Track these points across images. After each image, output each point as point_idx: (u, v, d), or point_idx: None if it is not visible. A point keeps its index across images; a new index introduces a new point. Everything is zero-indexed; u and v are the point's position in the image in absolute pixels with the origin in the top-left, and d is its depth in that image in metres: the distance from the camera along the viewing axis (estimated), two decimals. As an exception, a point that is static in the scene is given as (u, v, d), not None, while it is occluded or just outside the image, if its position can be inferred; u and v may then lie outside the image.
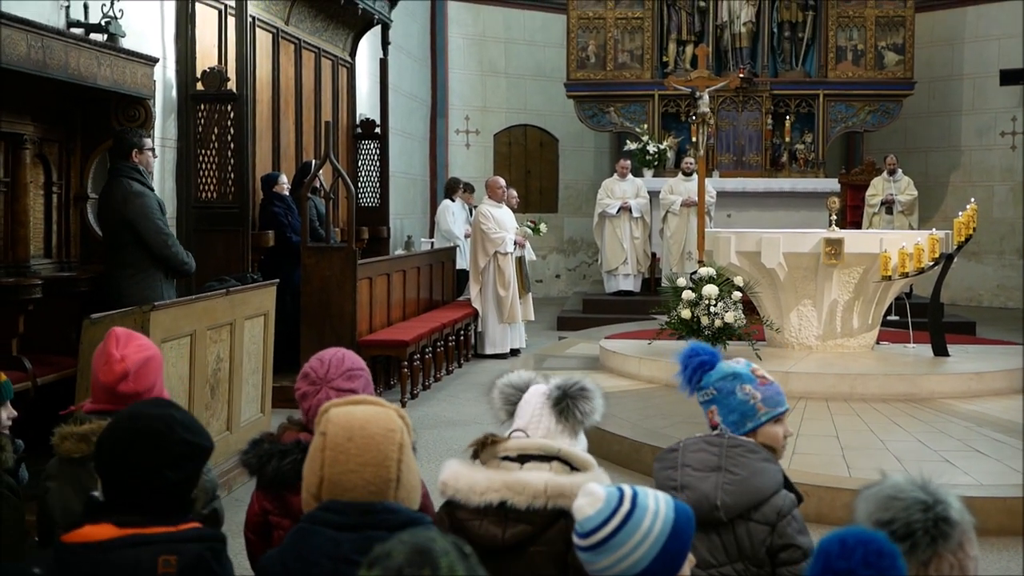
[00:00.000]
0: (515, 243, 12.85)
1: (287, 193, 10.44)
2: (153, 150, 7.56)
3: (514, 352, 12.96)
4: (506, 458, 3.14)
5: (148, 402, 3.04)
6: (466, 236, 14.37)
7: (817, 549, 2.15)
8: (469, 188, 15.26)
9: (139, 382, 3.58)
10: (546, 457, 3.12)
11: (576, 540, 2.53)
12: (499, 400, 3.37)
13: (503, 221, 12.89)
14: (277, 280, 7.96)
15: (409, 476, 2.68)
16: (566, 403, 3.19)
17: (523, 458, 3.12)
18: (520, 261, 13.01)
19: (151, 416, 2.78)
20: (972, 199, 11.00)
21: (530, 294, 13.27)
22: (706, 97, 11.97)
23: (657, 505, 2.57)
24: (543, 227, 13.92)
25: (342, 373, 3.50)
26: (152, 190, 7.44)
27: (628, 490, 2.61)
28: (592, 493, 2.58)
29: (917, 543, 2.27)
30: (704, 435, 3.47)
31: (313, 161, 11.06)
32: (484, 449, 3.18)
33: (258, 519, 3.57)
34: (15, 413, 3.83)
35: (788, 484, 3.42)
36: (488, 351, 12.80)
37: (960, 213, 10.23)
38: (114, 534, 2.63)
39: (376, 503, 2.57)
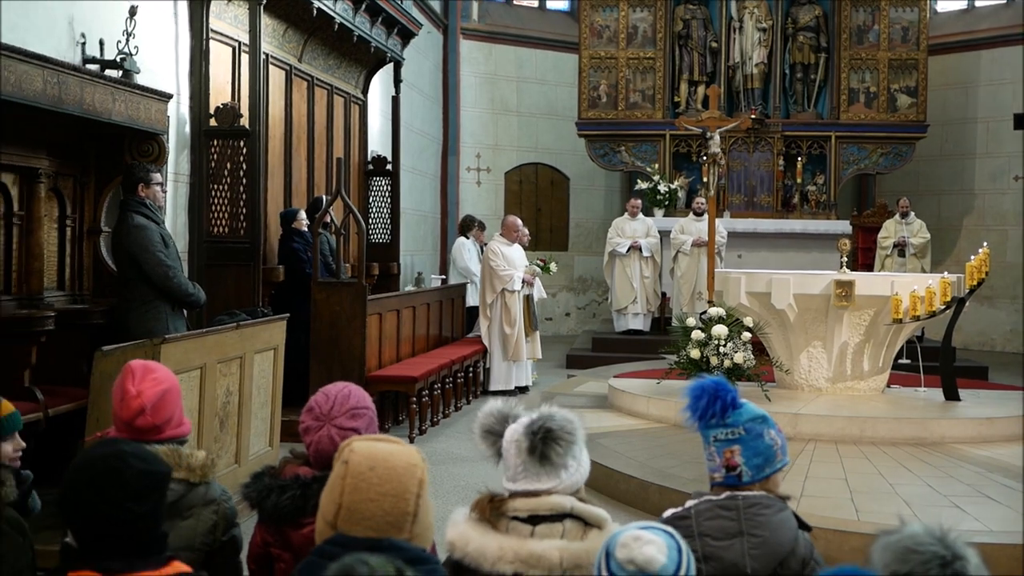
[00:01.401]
0: (523, 281, 12.85)
1: (306, 229, 10.48)
2: (162, 184, 7.59)
3: (520, 390, 12.92)
4: (516, 518, 3.04)
5: (96, 444, 3.03)
6: (481, 273, 14.43)
7: None
8: (481, 226, 15.30)
9: (157, 415, 3.58)
10: (558, 516, 3.03)
11: None
12: (480, 433, 3.27)
13: (513, 259, 12.90)
14: (287, 314, 7.97)
15: (425, 514, 2.69)
16: (539, 451, 3.06)
17: (534, 519, 3.03)
18: (528, 299, 12.99)
19: (102, 456, 2.77)
20: (985, 243, 10.97)
21: (537, 332, 13.24)
22: (717, 137, 12.01)
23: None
24: (553, 266, 13.92)
25: (346, 411, 3.50)
26: (159, 224, 7.45)
27: (667, 528, 2.58)
28: (652, 540, 2.49)
29: None
30: (713, 498, 3.32)
31: (324, 196, 11.10)
32: (490, 509, 3.07)
33: (260, 551, 3.58)
34: (23, 445, 3.83)
35: (798, 521, 3.36)
36: (493, 388, 12.76)
37: (972, 257, 10.21)
38: None
39: (383, 539, 2.56)
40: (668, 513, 3.38)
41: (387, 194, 13.70)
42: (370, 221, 13.47)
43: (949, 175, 19.91)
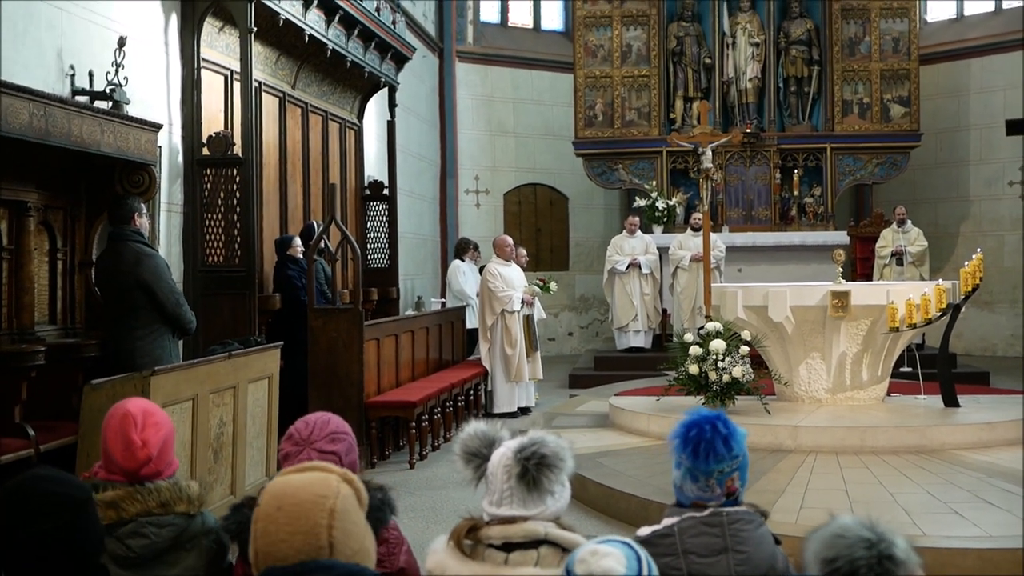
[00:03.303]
0: (523, 301, 12.84)
1: (301, 256, 10.48)
2: (146, 215, 7.61)
3: (523, 411, 12.90)
4: (491, 545, 3.01)
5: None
6: (478, 295, 14.42)
7: None
8: (476, 247, 15.35)
9: (160, 462, 3.56)
10: (533, 543, 2.99)
11: None
12: (462, 455, 3.24)
13: (511, 279, 12.90)
14: (281, 343, 7.97)
15: (347, 542, 2.59)
16: (530, 476, 3.03)
17: (508, 546, 2.99)
18: (528, 320, 12.99)
19: (16, 479, 2.81)
20: (978, 249, 10.99)
21: (538, 353, 13.22)
22: (709, 152, 12.02)
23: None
24: (553, 285, 13.90)
25: (325, 435, 3.50)
26: (156, 252, 7.51)
27: (626, 539, 2.56)
28: (609, 553, 2.46)
29: None
30: (696, 515, 3.26)
31: (316, 223, 11.12)
32: (468, 536, 3.05)
33: None
34: None
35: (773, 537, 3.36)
36: (496, 410, 12.71)
37: (967, 263, 10.21)
38: None
39: (310, 562, 2.51)
40: (647, 531, 3.32)
41: (385, 219, 13.72)
42: (368, 246, 13.49)
43: (944, 183, 19.94)
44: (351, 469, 3.25)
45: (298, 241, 10.64)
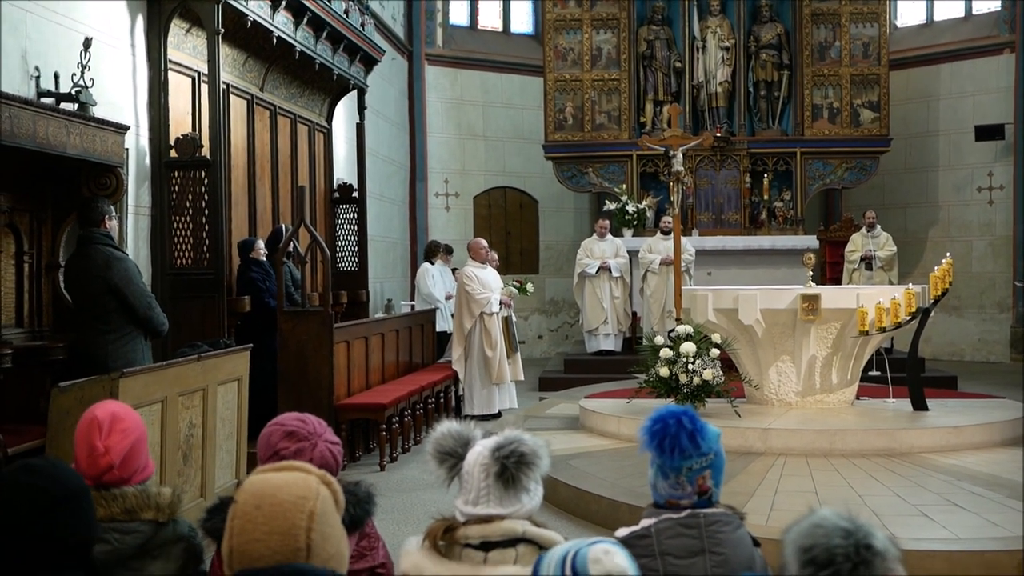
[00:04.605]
0: (501, 303, 12.83)
1: (264, 258, 10.43)
2: (114, 217, 7.54)
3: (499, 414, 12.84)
4: (468, 545, 3.00)
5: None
6: (447, 298, 14.40)
7: None
8: (448, 250, 15.33)
9: (125, 469, 3.48)
10: (511, 541, 2.99)
11: None
12: (437, 454, 3.22)
13: (488, 282, 12.88)
14: (251, 345, 7.92)
15: (324, 545, 2.54)
16: (509, 474, 3.03)
17: (486, 545, 2.99)
18: (507, 321, 12.98)
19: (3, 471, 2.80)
20: (948, 254, 11.04)
21: (518, 354, 13.21)
22: (680, 156, 12.01)
23: None
24: (530, 286, 13.87)
25: (326, 429, 3.53)
26: (126, 255, 7.43)
27: (612, 539, 2.56)
28: (618, 551, 2.46)
29: (839, 570, 2.25)
30: (673, 516, 3.24)
31: (283, 226, 11.06)
32: (444, 536, 3.04)
33: None
34: None
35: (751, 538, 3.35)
36: (476, 412, 12.60)
37: (936, 268, 10.27)
38: None
39: (285, 565, 2.46)
40: (625, 532, 3.31)
41: (354, 221, 13.66)
42: (337, 249, 13.43)
43: (914, 188, 20.07)
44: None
45: (261, 244, 10.57)
